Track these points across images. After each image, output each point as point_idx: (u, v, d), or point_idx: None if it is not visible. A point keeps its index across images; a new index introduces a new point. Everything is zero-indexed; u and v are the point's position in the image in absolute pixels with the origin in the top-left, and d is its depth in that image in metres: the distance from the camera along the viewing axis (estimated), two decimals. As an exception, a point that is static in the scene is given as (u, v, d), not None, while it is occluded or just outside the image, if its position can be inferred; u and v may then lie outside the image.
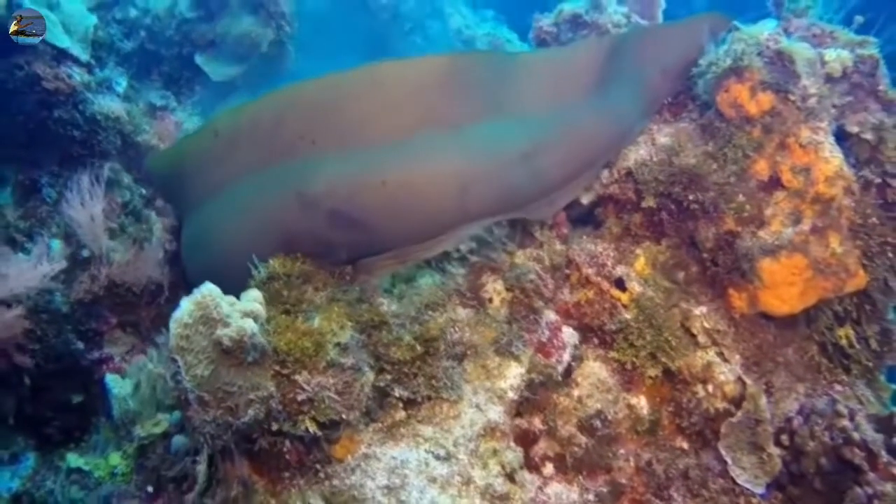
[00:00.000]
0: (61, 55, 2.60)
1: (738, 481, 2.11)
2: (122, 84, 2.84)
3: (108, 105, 2.59)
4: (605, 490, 2.16)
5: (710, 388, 2.13)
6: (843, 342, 2.22)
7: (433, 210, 2.01)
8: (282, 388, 1.82)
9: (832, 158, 2.08)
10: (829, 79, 2.22)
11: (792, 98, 2.14)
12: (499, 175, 2.08)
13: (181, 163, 2.11)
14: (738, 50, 2.16)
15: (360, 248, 2.04)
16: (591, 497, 2.13)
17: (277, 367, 1.84)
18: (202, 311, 1.78)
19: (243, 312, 1.83)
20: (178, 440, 1.88)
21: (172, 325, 1.76)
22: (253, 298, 1.90)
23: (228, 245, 2.05)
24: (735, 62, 2.14)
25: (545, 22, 2.75)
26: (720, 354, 2.16)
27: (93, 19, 2.85)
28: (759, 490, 2.11)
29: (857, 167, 2.19)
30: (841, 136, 2.21)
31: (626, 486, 2.16)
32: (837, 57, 2.23)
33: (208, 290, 1.81)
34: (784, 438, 2.15)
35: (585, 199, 2.38)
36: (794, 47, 2.18)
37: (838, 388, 2.25)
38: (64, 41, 2.63)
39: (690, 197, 2.16)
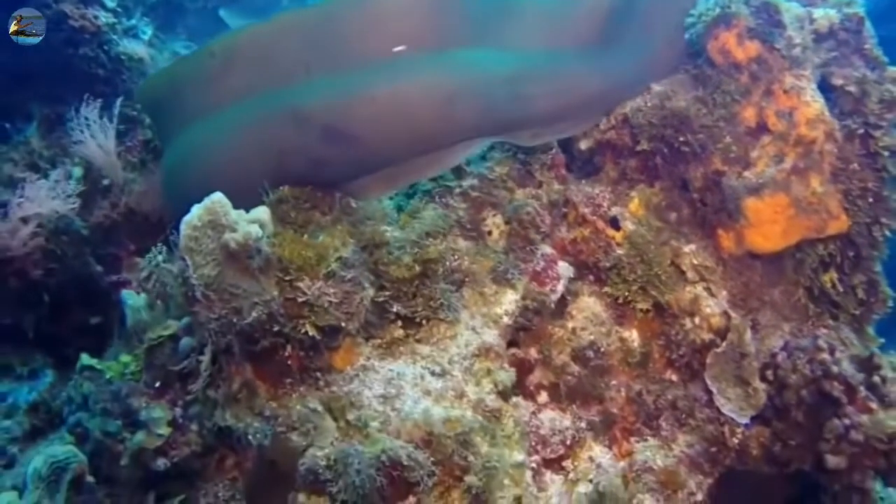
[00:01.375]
0: (87, -4, 2.74)
1: (723, 411, 2.18)
2: (147, 33, 2.97)
3: (133, 47, 2.72)
4: (597, 419, 2.23)
5: (696, 320, 2.22)
6: (828, 286, 2.29)
7: (420, 123, 2.11)
8: (284, 292, 1.92)
9: (813, 103, 2.18)
10: (817, 35, 2.32)
11: (777, 46, 2.24)
12: (482, 92, 2.16)
13: (172, 85, 2.14)
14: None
15: (353, 166, 2.13)
16: (583, 424, 2.21)
17: (281, 275, 1.94)
18: (211, 216, 1.88)
19: (250, 220, 1.93)
20: (186, 341, 1.96)
21: (183, 226, 1.85)
22: (260, 211, 2.00)
23: (217, 165, 2.11)
24: (723, 10, 2.25)
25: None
26: (707, 290, 2.24)
27: (119, -31, 2.99)
28: (744, 420, 2.18)
29: (842, 118, 2.28)
30: (827, 89, 2.31)
31: (618, 416, 2.24)
32: (825, 14, 2.34)
33: (218, 197, 1.91)
34: (769, 374, 2.23)
35: (584, 146, 2.48)
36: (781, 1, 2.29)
37: (824, 331, 2.32)
38: (86, -16, 2.77)
39: (681, 139, 2.26)
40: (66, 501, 1.69)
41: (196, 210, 1.88)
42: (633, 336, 2.28)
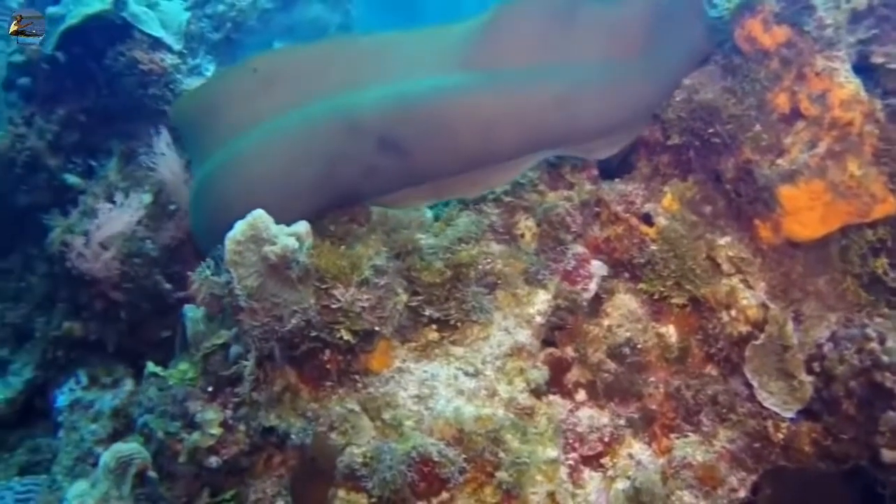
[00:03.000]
0: (156, 43, 3.02)
1: (766, 405, 2.13)
2: (209, 69, 3.23)
3: (195, 84, 2.97)
4: (636, 416, 2.23)
5: (733, 312, 2.18)
6: (880, 272, 2.20)
7: (464, 142, 2.17)
8: (320, 300, 2.05)
9: (847, 84, 2.10)
10: (855, 13, 2.24)
11: (807, 29, 2.19)
12: (528, 114, 2.22)
13: (208, 102, 2.18)
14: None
15: (404, 176, 2.21)
16: (621, 422, 2.22)
17: (318, 283, 2.07)
18: (253, 231, 2.05)
19: (289, 234, 2.08)
20: (235, 349, 2.14)
21: (227, 241, 2.03)
22: (299, 225, 2.15)
23: (262, 176, 2.18)
24: (746, -1, 2.22)
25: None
26: (744, 281, 2.20)
27: (186, 15, 3.28)
28: (789, 414, 2.12)
29: (885, 98, 2.19)
30: (868, 69, 2.22)
31: (657, 412, 2.23)
32: (863, -10, 2.25)
33: (259, 213, 2.07)
34: (815, 366, 2.16)
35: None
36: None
37: (879, 320, 2.22)
38: (159, 31, 3.05)
39: (710, 130, 2.24)
40: (131, 491, 1.88)
41: (239, 225, 2.05)
42: (670, 331, 2.27)
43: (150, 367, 2.18)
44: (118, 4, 2.96)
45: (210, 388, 2.12)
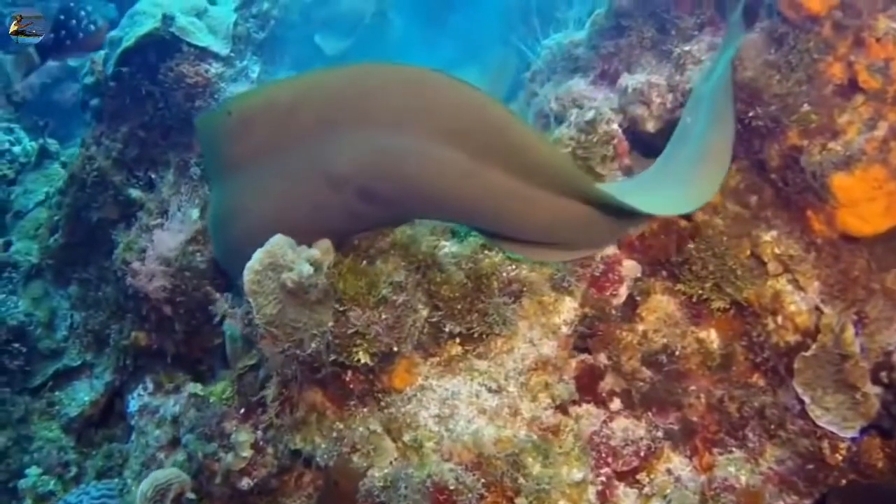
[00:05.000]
0: (203, 53, 3.08)
1: (820, 423, 1.92)
2: (255, 70, 3.25)
3: (239, 90, 3.01)
4: (675, 427, 2.09)
5: (780, 319, 1.96)
6: (965, 264, 1.90)
7: (442, 193, 2.01)
8: (338, 324, 2.04)
9: (915, 48, 1.79)
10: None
11: (868, -18, 1.87)
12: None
13: (209, 132, 2.18)
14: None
15: (392, 220, 2.16)
16: (659, 434, 2.08)
17: (337, 305, 2.07)
18: (271, 259, 2.06)
19: (307, 258, 2.07)
20: (263, 371, 2.19)
21: (246, 272, 2.05)
22: (320, 244, 2.14)
23: (253, 223, 2.17)
24: (791, -48, 1.92)
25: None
26: (793, 282, 1.97)
27: (233, 17, 3.30)
28: (850, 434, 1.90)
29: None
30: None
31: (698, 424, 2.07)
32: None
33: (277, 240, 2.08)
34: (883, 375, 1.92)
35: (652, 127, 2.29)
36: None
37: (965, 318, 1.93)
38: (205, 40, 3.11)
39: (750, 113, 1.99)
40: (169, 517, 2.00)
41: (257, 255, 2.07)
42: (711, 337, 2.08)
43: (191, 387, 2.28)
44: (166, 21, 3.04)
45: (242, 410, 2.19)
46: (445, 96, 1.88)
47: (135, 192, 3.07)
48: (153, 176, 3.09)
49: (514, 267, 2.17)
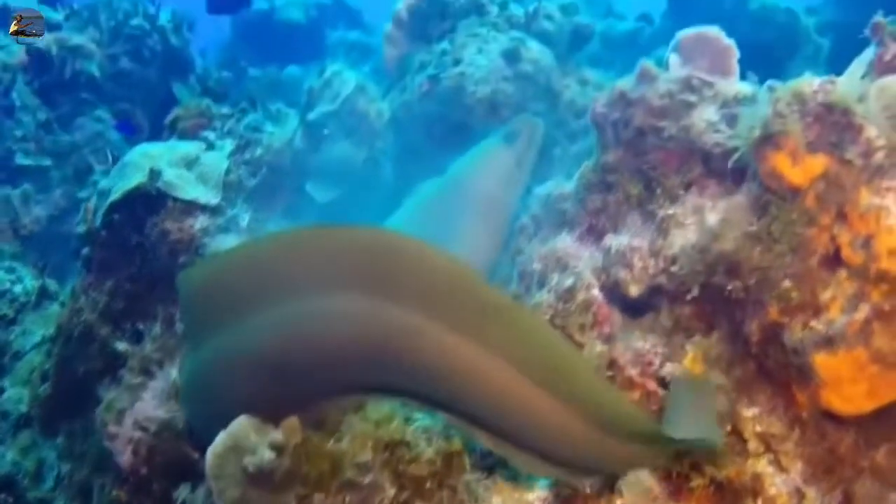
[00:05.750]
0: (189, 207, 3.12)
1: None
2: (245, 219, 3.28)
3: (224, 242, 3.03)
4: None
5: (759, 502, 1.84)
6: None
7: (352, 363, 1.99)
8: (302, 509, 1.97)
9: (898, 226, 1.72)
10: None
11: (849, 157, 1.83)
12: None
13: (182, 296, 2.16)
14: (770, 113, 1.91)
15: (316, 395, 2.07)
16: None
17: (301, 489, 2.00)
18: (233, 441, 2.03)
19: (269, 442, 2.02)
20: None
21: (208, 455, 2.02)
22: (287, 426, 2.08)
23: (213, 394, 2.17)
24: (766, 130, 1.90)
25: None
26: (774, 462, 1.86)
27: (225, 164, 3.37)
28: None
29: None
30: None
31: None
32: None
33: (241, 421, 2.04)
34: (880, 567, 1.78)
35: (634, 291, 2.23)
36: (848, 97, 1.87)
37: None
38: (192, 193, 3.15)
39: (729, 287, 1.93)
40: None
41: (220, 437, 2.04)
42: (692, 514, 1.96)
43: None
44: (153, 175, 3.09)
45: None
46: (406, 262, 1.80)
47: (121, 345, 3.06)
48: (141, 327, 3.09)
49: (488, 442, 2.09)
